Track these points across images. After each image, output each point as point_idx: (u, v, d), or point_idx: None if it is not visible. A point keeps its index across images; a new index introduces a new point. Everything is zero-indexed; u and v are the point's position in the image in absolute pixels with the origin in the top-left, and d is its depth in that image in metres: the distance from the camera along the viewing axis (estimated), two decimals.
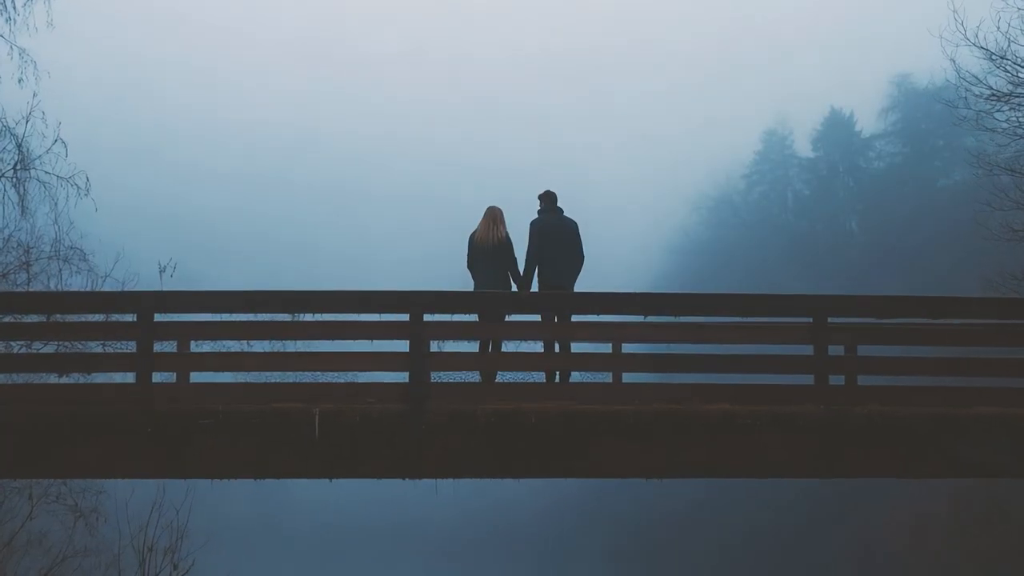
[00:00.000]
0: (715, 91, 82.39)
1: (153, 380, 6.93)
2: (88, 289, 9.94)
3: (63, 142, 10.68)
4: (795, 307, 7.51)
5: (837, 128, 53.26)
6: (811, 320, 7.25)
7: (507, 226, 8.04)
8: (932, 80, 46.87)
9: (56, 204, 10.54)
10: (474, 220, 8.17)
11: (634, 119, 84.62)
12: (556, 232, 7.87)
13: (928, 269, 38.58)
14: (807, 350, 7.35)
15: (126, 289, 9.58)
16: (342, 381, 7.16)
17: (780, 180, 56.79)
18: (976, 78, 13.45)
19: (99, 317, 7.95)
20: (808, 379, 7.17)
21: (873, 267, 42.75)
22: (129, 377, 6.97)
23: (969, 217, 36.76)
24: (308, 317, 7.21)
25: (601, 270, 8.13)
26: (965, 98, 13.45)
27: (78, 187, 10.51)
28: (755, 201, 57.23)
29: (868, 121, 52.46)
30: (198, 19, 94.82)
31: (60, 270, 10.37)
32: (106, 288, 9.90)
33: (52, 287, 10.55)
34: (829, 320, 7.21)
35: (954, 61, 13.51)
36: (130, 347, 7.20)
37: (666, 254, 60.23)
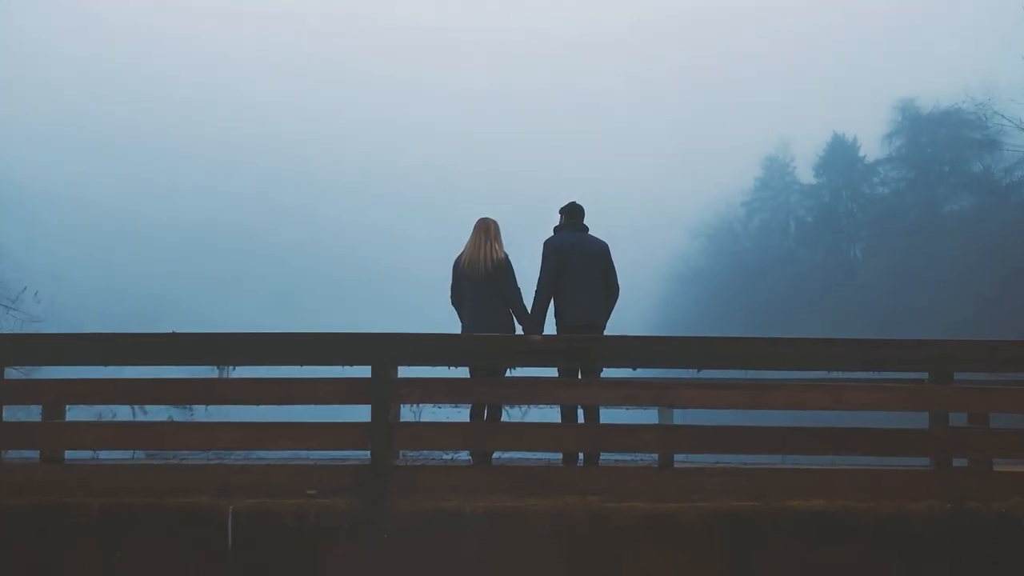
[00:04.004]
0: (714, 117, 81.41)
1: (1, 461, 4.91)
2: None
3: None
4: (903, 357, 5.48)
5: (840, 154, 52.15)
6: (926, 376, 5.38)
7: (506, 246, 5.98)
8: (937, 104, 46.10)
9: None
10: (460, 244, 6.08)
11: (633, 144, 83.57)
12: (579, 254, 5.83)
13: (935, 299, 37.06)
14: (916, 418, 5.46)
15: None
16: (271, 462, 5.10)
17: (781, 207, 55.56)
18: None
19: None
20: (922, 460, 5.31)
21: (879, 296, 41.28)
22: None
23: (976, 243, 35.82)
24: (232, 372, 5.17)
25: None
26: None
27: None
28: (756, 228, 56.00)
29: (872, 146, 51.40)
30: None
31: None
32: None
33: None
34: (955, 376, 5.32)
35: None
36: None
37: (664, 282, 58.70)
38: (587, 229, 6.03)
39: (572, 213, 6.04)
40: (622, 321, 6.00)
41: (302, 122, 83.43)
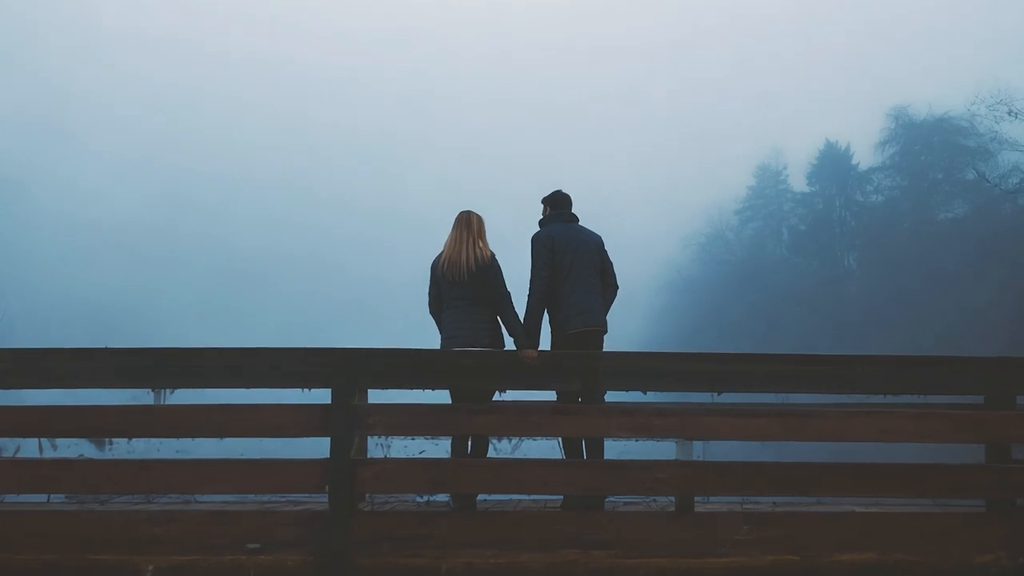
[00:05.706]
0: (706, 125, 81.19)
1: None
2: None
3: None
4: (954, 377, 4.68)
5: (833, 161, 51.93)
6: (983, 399, 4.61)
7: (492, 244, 5.10)
8: (931, 111, 45.80)
9: None
10: (439, 243, 5.16)
11: (625, 153, 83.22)
12: (573, 248, 4.96)
13: (931, 306, 36.58)
14: (965, 450, 4.68)
15: None
16: (203, 507, 4.21)
17: (774, 215, 55.25)
18: None
19: None
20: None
21: (873, 305, 40.83)
22: None
23: (971, 251, 35.39)
24: (169, 397, 4.30)
25: None
26: None
27: None
28: (748, 237, 55.67)
29: (865, 154, 51.14)
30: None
31: None
32: None
33: None
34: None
35: None
36: None
37: (656, 291, 58.17)
38: (577, 219, 5.16)
39: (558, 202, 5.15)
40: (611, 331, 5.14)
41: (284, 127, 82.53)
